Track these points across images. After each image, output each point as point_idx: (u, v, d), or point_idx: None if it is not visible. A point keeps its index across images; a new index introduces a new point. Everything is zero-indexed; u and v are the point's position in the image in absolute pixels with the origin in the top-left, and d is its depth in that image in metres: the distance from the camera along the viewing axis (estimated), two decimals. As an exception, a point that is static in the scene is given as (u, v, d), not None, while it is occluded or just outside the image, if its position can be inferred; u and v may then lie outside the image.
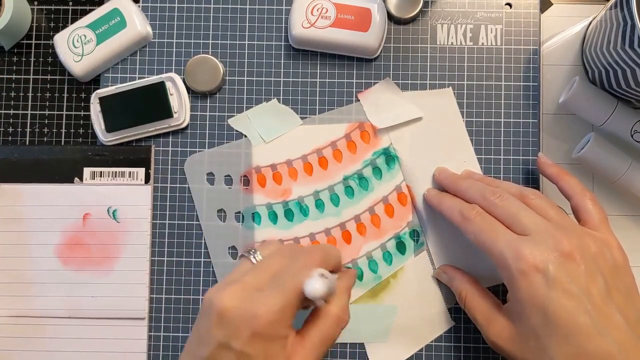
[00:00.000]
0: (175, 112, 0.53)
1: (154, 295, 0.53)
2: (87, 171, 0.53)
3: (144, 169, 0.53)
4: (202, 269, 0.53)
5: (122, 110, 0.53)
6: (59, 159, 0.53)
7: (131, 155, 0.53)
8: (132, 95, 0.53)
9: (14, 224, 0.53)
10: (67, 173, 0.53)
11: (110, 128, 0.52)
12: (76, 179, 0.53)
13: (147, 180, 0.53)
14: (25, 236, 0.53)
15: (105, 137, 0.53)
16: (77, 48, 0.53)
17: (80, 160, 0.53)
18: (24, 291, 0.52)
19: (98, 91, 0.53)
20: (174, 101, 0.53)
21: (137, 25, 0.53)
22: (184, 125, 0.53)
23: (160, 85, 0.53)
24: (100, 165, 0.53)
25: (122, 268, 0.52)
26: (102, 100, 0.53)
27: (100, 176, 0.53)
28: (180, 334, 0.53)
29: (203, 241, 0.53)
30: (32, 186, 0.53)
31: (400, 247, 0.53)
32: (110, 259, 0.52)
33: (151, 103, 0.53)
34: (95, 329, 0.52)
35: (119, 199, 0.53)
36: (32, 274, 0.52)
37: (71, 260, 0.52)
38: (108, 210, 0.53)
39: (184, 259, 0.53)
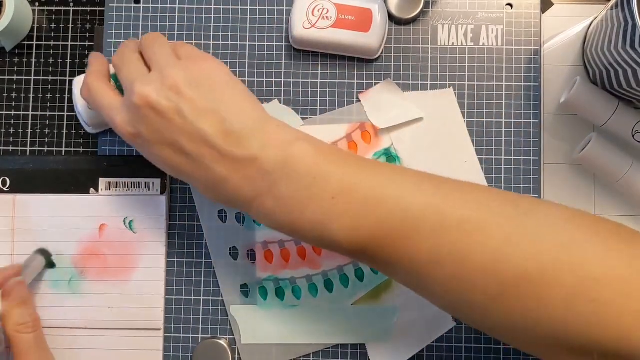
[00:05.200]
0: None
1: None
2: (102, 182, 0.53)
3: (159, 179, 0.53)
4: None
5: None
6: (74, 170, 0.53)
7: (147, 166, 0.53)
8: None
9: (30, 235, 0.52)
10: (82, 184, 0.53)
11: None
12: (92, 189, 0.53)
13: (163, 191, 0.53)
14: (41, 247, 0.52)
15: (90, 120, 0.51)
16: None
17: (96, 171, 0.53)
18: (40, 301, 0.52)
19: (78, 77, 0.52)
20: None
21: None
22: None
23: None
24: (115, 176, 0.53)
25: (139, 279, 0.52)
26: None
27: (116, 187, 0.53)
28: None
29: (204, 242, 0.53)
30: (47, 197, 0.53)
31: (401, 247, 0.53)
32: (127, 269, 0.52)
33: None
34: (111, 340, 0.52)
35: (135, 209, 0.53)
36: (48, 284, 0.52)
37: (88, 270, 0.52)
38: (124, 221, 0.53)
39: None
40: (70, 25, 0.56)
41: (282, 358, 0.52)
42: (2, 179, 0.53)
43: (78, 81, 0.52)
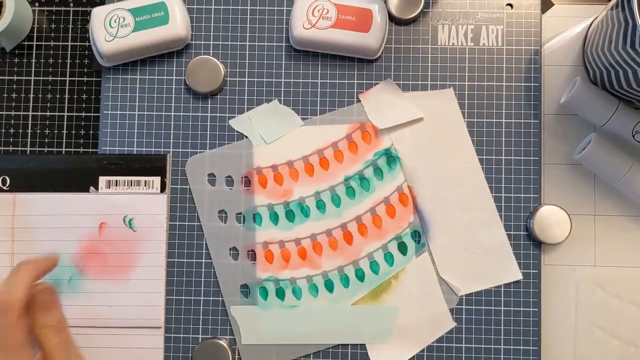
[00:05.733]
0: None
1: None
2: (102, 180, 0.53)
3: (159, 177, 0.53)
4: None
5: None
6: (74, 168, 0.53)
7: (147, 164, 0.53)
8: None
9: (30, 234, 0.53)
10: (82, 182, 0.53)
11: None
12: (92, 188, 0.53)
13: (162, 189, 0.53)
14: (41, 245, 0.52)
15: (104, 53, 0.52)
16: (113, 28, 0.52)
17: (96, 169, 0.53)
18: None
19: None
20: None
21: (179, 25, 0.52)
22: (182, 35, 0.52)
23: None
24: (115, 174, 0.53)
25: (139, 277, 0.52)
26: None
27: (116, 185, 0.53)
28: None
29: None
30: (47, 195, 0.53)
31: (402, 247, 0.53)
32: (127, 267, 0.52)
33: None
34: (112, 338, 0.52)
35: (135, 207, 0.53)
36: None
37: (88, 269, 0.52)
38: (124, 219, 0.53)
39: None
40: (70, 25, 0.56)
41: (282, 358, 0.52)
42: (2, 177, 0.53)
43: (96, 12, 0.52)
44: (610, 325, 0.52)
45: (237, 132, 0.54)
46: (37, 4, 0.56)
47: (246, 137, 0.54)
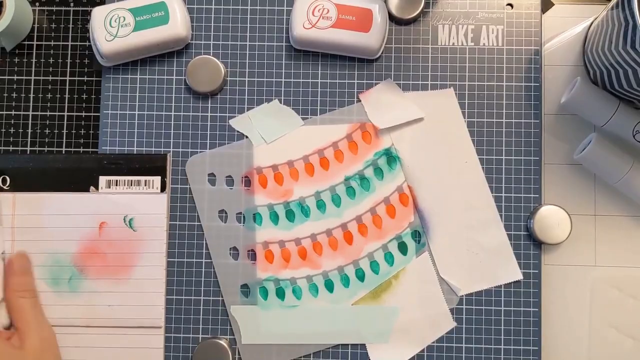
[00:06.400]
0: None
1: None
2: (102, 180, 0.53)
3: (159, 177, 0.53)
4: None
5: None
6: (74, 168, 0.53)
7: (147, 164, 0.53)
8: None
9: (30, 233, 0.52)
10: (82, 182, 0.53)
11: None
12: (92, 187, 0.53)
13: (163, 189, 0.53)
14: (41, 245, 0.52)
15: (105, 52, 0.52)
16: (113, 28, 0.52)
17: (96, 169, 0.53)
18: (40, 300, 0.52)
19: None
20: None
21: (179, 25, 0.52)
22: (182, 35, 0.53)
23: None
24: (115, 174, 0.53)
25: (139, 277, 0.52)
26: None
27: (116, 185, 0.53)
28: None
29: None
30: (47, 195, 0.53)
31: (402, 247, 0.53)
32: (127, 267, 0.52)
33: None
34: (111, 338, 0.52)
35: (135, 207, 0.53)
36: (48, 282, 0.52)
37: (88, 269, 0.52)
38: (124, 219, 0.53)
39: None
40: (71, 25, 0.56)
41: (282, 358, 0.52)
42: (2, 177, 0.53)
43: (96, 12, 0.52)
44: (610, 325, 0.52)
45: (237, 132, 0.54)
46: (37, 4, 0.56)
47: (246, 137, 0.54)
